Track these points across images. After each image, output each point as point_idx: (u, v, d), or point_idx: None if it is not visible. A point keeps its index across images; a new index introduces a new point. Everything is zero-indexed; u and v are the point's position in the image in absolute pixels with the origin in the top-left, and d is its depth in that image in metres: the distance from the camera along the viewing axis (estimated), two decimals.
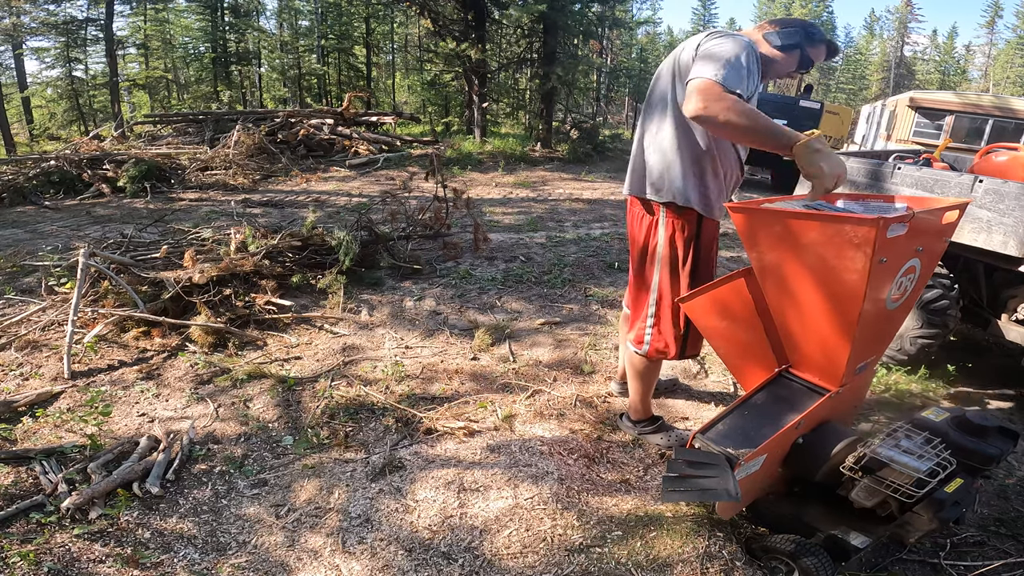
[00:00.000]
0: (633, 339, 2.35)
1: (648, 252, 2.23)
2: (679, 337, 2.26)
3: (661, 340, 2.27)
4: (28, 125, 17.45)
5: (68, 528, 1.92)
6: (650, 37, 43.25)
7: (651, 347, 2.28)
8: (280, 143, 10.05)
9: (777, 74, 2.12)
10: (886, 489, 1.66)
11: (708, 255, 2.21)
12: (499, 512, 2.08)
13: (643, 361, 2.35)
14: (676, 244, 2.15)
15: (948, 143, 4.89)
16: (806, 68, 2.11)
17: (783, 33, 2.04)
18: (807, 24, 2.09)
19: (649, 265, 2.24)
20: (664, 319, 2.25)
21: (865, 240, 1.57)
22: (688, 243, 2.14)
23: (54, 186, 7.29)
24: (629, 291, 2.44)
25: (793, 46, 2.04)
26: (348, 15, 20.31)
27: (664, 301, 2.23)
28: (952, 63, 49.49)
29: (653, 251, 2.20)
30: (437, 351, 3.34)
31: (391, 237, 4.72)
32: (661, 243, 2.17)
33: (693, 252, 2.15)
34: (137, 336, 3.30)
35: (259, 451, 2.41)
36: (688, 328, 2.25)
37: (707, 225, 2.15)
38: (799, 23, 2.09)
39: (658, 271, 2.21)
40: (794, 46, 2.04)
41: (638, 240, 2.26)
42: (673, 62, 2.04)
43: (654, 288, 2.24)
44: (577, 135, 13.24)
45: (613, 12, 14.22)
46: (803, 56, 2.07)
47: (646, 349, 2.30)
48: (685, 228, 2.13)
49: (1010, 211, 2.59)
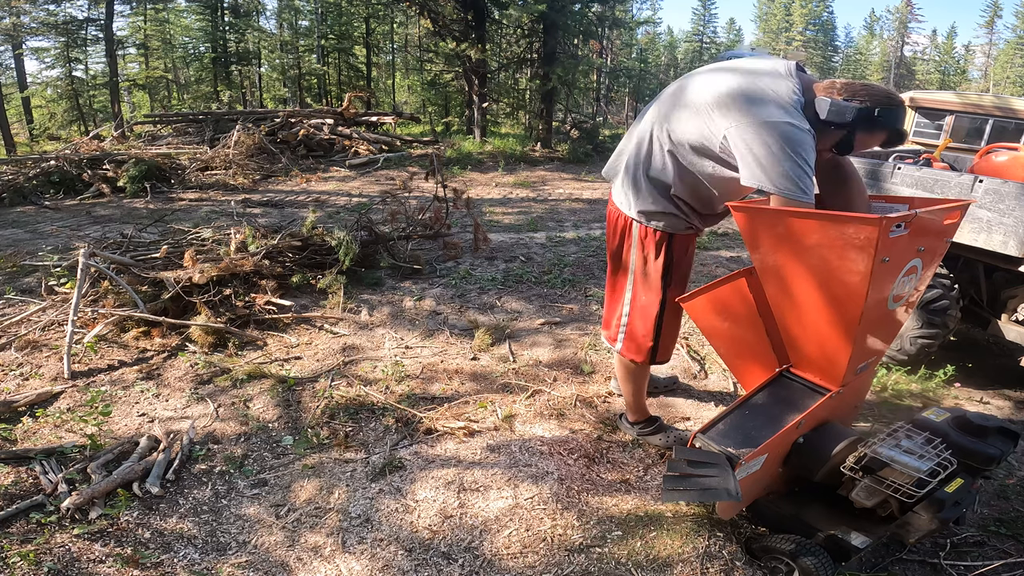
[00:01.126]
0: (609, 336, 2.36)
1: (622, 254, 2.22)
2: (650, 339, 2.24)
3: (632, 345, 2.27)
4: (28, 125, 17.43)
5: (68, 528, 1.92)
6: (650, 37, 43.25)
7: (624, 345, 2.30)
8: (280, 143, 10.05)
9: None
10: (886, 489, 1.66)
11: (681, 260, 2.17)
12: (499, 512, 2.08)
13: (630, 363, 2.35)
14: (647, 250, 2.13)
15: (948, 143, 4.89)
16: (843, 152, 1.83)
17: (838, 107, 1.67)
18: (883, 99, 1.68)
19: (622, 268, 2.23)
20: (635, 318, 2.24)
21: (867, 240, 1.57)
22: (659, 249, 2.12)
23: (54, 186, 7.29)
24: (606, 287, 2.43)
25: (840, 125, 1.71)
26: (348, 15, 20.29)
27: (635, 306, 2.22)
28: (952, 63, 49.49)
29: (627, 253, 2.19)
30: (437, 351, 3.34)
31: (391, 237, 4.72)
32: (634, 247, 2.16)
33: (664, 258, 2.12)
34: (137, 336, 3.30)
35: (259, 451, 2.40)
36: (658, 337, 2.23)
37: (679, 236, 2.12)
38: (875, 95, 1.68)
39: (631, 275, 2.20)
40: (842, 126, 1.71)
41: (613, 240, 2.25)
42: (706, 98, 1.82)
43: (628, 287, 2.23)
44: (577, 135, 13.24)
45: (613, 12, 14.22)
46: (847, 138, 1.75)
47: (619, 347, 2.31)
48: (656, 234, 2.10)
49: (1010, 211, 2.59)
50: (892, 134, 1.74)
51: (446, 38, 12.82)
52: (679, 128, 1.92)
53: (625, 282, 2.24)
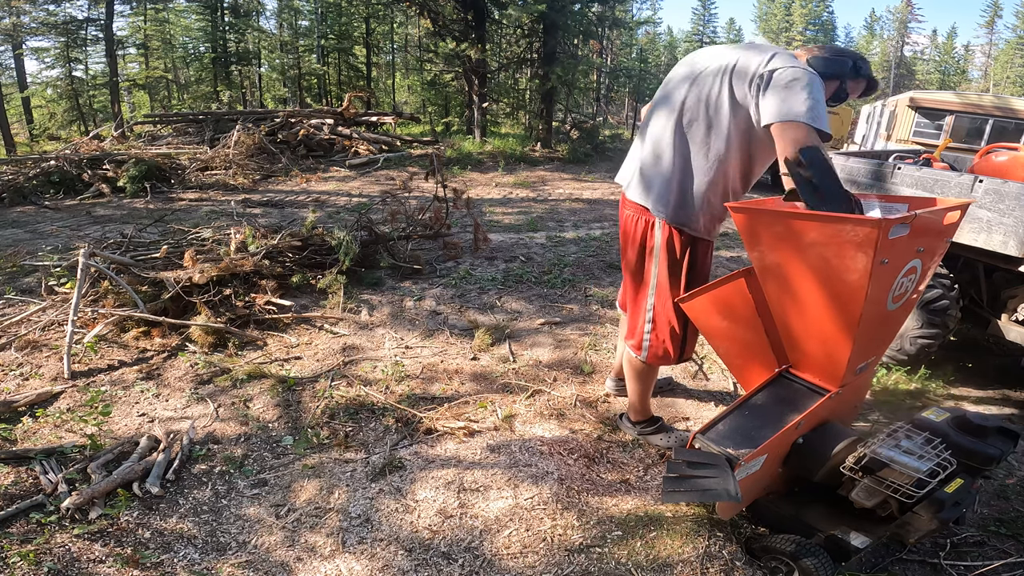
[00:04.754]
0: (633, 345, 2.33)
1: (645, 254, 2.20)
2: (678, 342, 2.24)
3: (660, 345, 2.25)
4: (28, 125, 17.44)
5: (68, 528, 1.92)
6: (650, 37, 43.29)
7: (650, 353, 2.27)
8: (280, 143, 10.05)
9: None
10: (886, 489, 1.66)
11: (705, 258, 2.19)
12: (499, 512, 2.08)
13: (642, 364, 2.34)
14: (674, 247, 2.12)
15: (948, 143, 4.89)
16: (839, 101, 2.03)
17: (829, 60, 1.95)
18: (858, 56, 2.01)
19: (646, 268, 2.21)
20: (661, 324, 2.23)
21: (867, 241, 1.57)
22: (685, 247, 2.12)
23: (54, 186, 7.29)
24: (625, 293, 2.42)
25: (834, 75, 1.96)
26: (348, 15, 20.30)
27: (661, 305, 2.21)
28: (952, 63, 49.50)
29: (650, 253, 2.18)
30: (437, 351, 3.34)
31: (391, 237, 4.72)
32: (658, 246, 2.14)
33: (690, 255, 2.14)
34: (137, 336, 3.30)
35: (259, 451, 2.40)
36: (686, 331, 2.23)
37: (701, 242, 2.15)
38: (851, 53, 2.01)
39: (655, 274, 2.18)
40: (835, 76, 1.96)
41: (634, 241, 2.22)
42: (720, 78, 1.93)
43: (651, 292, 2.22)
44: (577, 135, 13.25)
45: (613, 12, 14.23)
46: (841, 88, 1.99)
47: (645, 355, 2.28)
48: (683, 232, 2.11)
49: (1010, 211, 2.59)
50: (870, 82, 2.03)
51: (446, 38, 12.83)
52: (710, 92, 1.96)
53: (647, 289, 2.22)
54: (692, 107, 2.00)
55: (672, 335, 2.22)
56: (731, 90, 1.91)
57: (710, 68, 1.98)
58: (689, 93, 2.01)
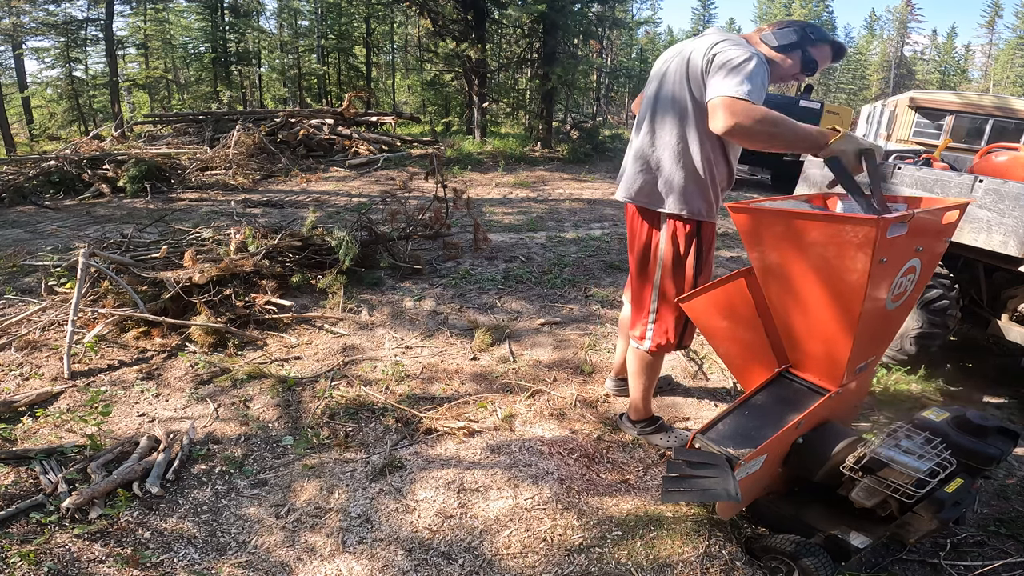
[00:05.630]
0: (636, 335, 2.38)
1: (650, 251, 2.25)
2: (678, 328, 2.30)
3: (662, 334, 2.31)
4: (28, 125, 17.45)
5: (68, 528, 1.92)
6: (650, 37, 43.28)
7: (652, 342, 2.32)
8: (280, 143, 10.05)
9: (781, 77, 2.10)
10: (886, 489, 1.66)
11: (709, 250, 2.24)
12: (499, 512, 2.08)
13: (645, 357, 2.37)
14: (678, 242, 2.17)
15: (948, 143, 4.89)
16: (811, 70, 2.07)
17: (779, 33, 2.03)
18: (804, 23, 2.06)
19: (651, 264, 2.26)
20: (664, 313, 2.28)
21: (866, 240, 1.57)
22: (689, 240, 2.17)
23: (54, 186, 7.29)
24: (631, 289, 2.44)
25: (791, 46, 2.02)
26: (348, 15, 20.30)
27: (665, 297, 2.26)
28: (952, 63, 49.51)
29: (655, 250, 2.23)
30: (437, 351, 3.34)
31: (391, 237, 4.72)
32: (663, 243, 2.20)
33: (695, 248, 2.18)
34: (137, 336, 3.30)
35: (259, 451, 2.40)
36: (687, 318, 2.29)
37: (706, 225, 2.18)
38: (796, 23, 2.06)
39: (660, 269, 2.23)
40: (792, 46, 2.02)
41: (640, 239, 2.28)
42: (682, 67, 2.01)
43: (656, 285, 2.26)
44: (577, 135, 13.26)
45: (613, 12, 14.23)
46: (805, 57, 2.04)
47: (648, 345, 2.33)
48: (687, 226, 2.15)
49: (1010, 211, 2.59)
50: (833, 45, 2.07)
51: (446, 38, 12.83)
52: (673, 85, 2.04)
53: (652, 282, 2.27)
54: (664, 99, 2.09)
55: (676, 322, 2.29)
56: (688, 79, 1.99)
57: (674, 61, 2.08)
58: (661, 87, 2.11)
